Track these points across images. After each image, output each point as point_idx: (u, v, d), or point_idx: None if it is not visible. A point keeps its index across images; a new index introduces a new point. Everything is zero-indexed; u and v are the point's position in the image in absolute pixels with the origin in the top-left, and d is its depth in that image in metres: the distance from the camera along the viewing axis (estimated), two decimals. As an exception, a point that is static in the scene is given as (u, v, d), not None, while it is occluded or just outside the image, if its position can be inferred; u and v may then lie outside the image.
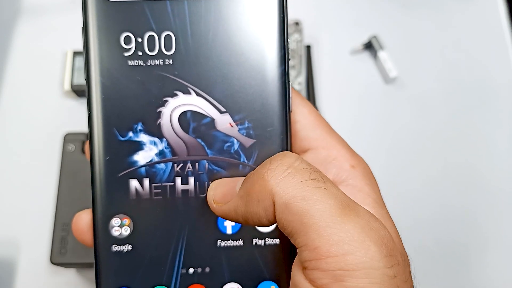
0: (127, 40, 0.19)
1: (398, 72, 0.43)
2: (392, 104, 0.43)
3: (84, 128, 0.38)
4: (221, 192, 0.18)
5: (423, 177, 0.40)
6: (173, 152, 0.19)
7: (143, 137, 0.19)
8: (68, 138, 0.37)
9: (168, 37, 0.19)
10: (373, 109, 0.43)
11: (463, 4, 0.47)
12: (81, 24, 0.19)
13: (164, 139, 0.19)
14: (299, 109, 0.20)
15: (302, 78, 0.41)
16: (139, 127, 0.19)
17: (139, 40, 0.19)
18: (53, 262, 0.34)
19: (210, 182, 0.19)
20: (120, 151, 0.19)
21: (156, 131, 0.19)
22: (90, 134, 0.20)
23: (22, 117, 0.41)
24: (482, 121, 0.43)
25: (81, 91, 0.40)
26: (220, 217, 0.19)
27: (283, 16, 0.19)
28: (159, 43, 0.19)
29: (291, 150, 0.20)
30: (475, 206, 0.40)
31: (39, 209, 0.37)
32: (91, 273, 0.36)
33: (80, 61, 0.40)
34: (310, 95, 0.41)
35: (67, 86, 0.40)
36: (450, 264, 0.38)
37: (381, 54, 0.43)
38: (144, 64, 0.19)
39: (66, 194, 0.35)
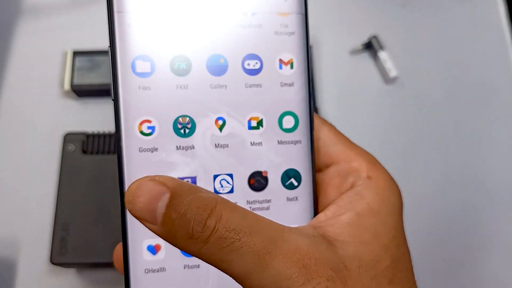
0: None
1: (398, 72, 0.43)
2: (392, 104, 0.43)
3: (84, 128, 0.38)
4: (141, 207, 0.16)
5: (423, 177, 0.40)
6: (205, 170, 0.20)
7: (176, 157, 0.19)
8: (68, 138, 0.37)
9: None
10: (373, 109, 0.43)
11: (463, 4, 0.47)
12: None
13: (197, 157, 0.20)
14: (319, 127, 0.22)
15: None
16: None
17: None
18: (53, 262, 0.34)
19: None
20: (152, 170, 0.19)
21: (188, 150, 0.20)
22: (119, 159, 0.19)
23: (22, 117, 0.41)
24: (482, 121, 0.43)
25: (81, 91, 0.40)
26: None
27: (307, 42, 0.21)
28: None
29: (314, 163, 0.21)
30: (475, 205, 0.40)
31: (39, 209, 0.37)
32: (91, 273, 0.36)
33: (80, 60, 0.40)
34: (310, 95, 0.41)
35: (67, 86, 0.40)
36: (450, 264, 0.38)
37: (381, 54, 0.43)
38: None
39: (66, 194, 0.35)
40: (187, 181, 0.18)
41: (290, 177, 0.21)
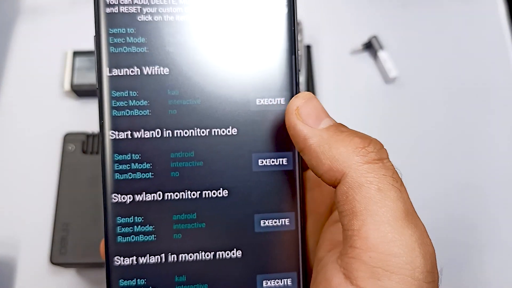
0: None
1: (398, 72, 0.43)
2: (392, 104, 0.43)
3: (84, 128, 0.38)
4: (308, 110, 0.18)
5: (422, 177, 0.40)
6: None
7: None
8: (68, 138, 0.37)
9: None
10: (373, 109, 0.43)
11: (463, 4, 0.47)
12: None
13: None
14: None
15: (302, 78, 0.41)
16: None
17: None
18: (53, 262, 0.34)
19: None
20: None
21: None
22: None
23: (22, 117, 0.41)
24: (482, 121, 0.43)
25: (81, 91, 0.40)
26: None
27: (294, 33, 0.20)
28: None
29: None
30: (475, 205, 0.40)
31: (39, 209, 0.37)
32: (91, 273, 0.36)
33: (80, 61, 0.40)
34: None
35: (67, 86, 0.40)
36: (450, 264, 0.38)
37: (381, 54, 0.43)
38: None
39: (66, 194, 0.35)
40: None
41: None
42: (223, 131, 0.19)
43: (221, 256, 0.19)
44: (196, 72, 0.19)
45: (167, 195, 0.19)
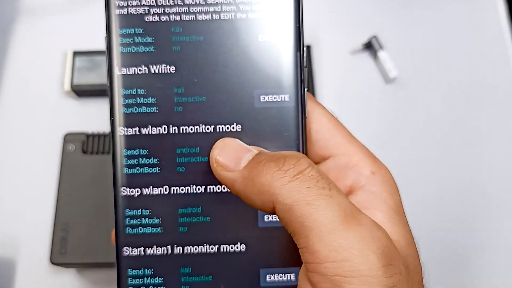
0: None
1: (398, 72, 0.43)
2: (392, 104, 0.43)
3: (84, 128, 0.38)
4: (226, 157, 0.18)
5: (423, 177, 0.40)
6: None
7: None
8: (68, 138, 0.37)
9: None
10: (373, 109, 0.43)
11: (463, 4, 0.47)
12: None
13: None
14: (319, 118, 0.21)
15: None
16: None
17: None
18: (53, 262, 0.34)
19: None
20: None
21: None
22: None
23: (23, 117, 0.41)
24: (482, 121, 0.43)
25: (81, 91, 0.40)
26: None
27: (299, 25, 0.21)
28: None
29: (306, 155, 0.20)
30: (475, 206, 0.40)
31: (39, 209, 0.37)
32: (91, 273, 0.36)
33: (80, 61, 0.40)
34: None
35: (67, 86, 0.40)
36: (450, 264, 0.38)
37: (381, 54, 0.43)
38: None
39: (66, 194, 0.35)
40: None
41: None
42: (228, 128, 0.19)
43: (225, 249, 0.19)
44: (201, 69, 0.19)
45: (173, 189, 0.19)
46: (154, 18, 0.19)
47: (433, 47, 0.45)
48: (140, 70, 0.19)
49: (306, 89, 0.20)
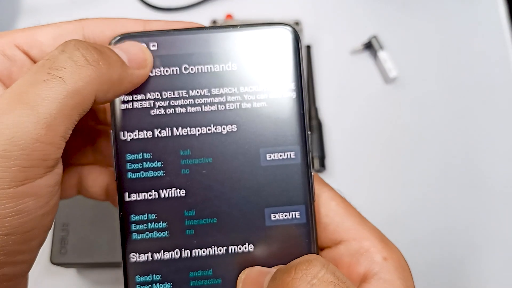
0: None
1: (398, 72, 0.43)
2: (392, 104, 0.43)
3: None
4: (250, 283, 0.19)
5: (422, 177, 0.40)
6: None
7: None
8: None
9: None
10: (373, 109, 0.43)
11: (463, 4, 0.47)
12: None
13: None
14: (327, 202, 0.21)
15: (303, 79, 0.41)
16: None
17: None
18: (53, 262, 0.34)
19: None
20: None
21: None
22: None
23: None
24: (482, 120, 0.43)
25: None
26: None
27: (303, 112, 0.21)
28: None
29: (317, 242, 0.20)
30: (475, 206, 0.40)
31: (39, 209, 0.37)
32: (91, 273, 0.36)
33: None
34: (310, 95, 0.41)
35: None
36: (449, 264, 0.38)
37: (381, 54, 0.43)
38: None
39: (66, 194, 0.35)
40: None
41: None
42: (240, 248, 0.20)
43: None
44: (212, 191, 0.20)
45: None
46: (159, 111, 0.19)
47: (433, 47, 0.45)
48: (150, 195, 0.19)
49: (312, 173, 0.20)
